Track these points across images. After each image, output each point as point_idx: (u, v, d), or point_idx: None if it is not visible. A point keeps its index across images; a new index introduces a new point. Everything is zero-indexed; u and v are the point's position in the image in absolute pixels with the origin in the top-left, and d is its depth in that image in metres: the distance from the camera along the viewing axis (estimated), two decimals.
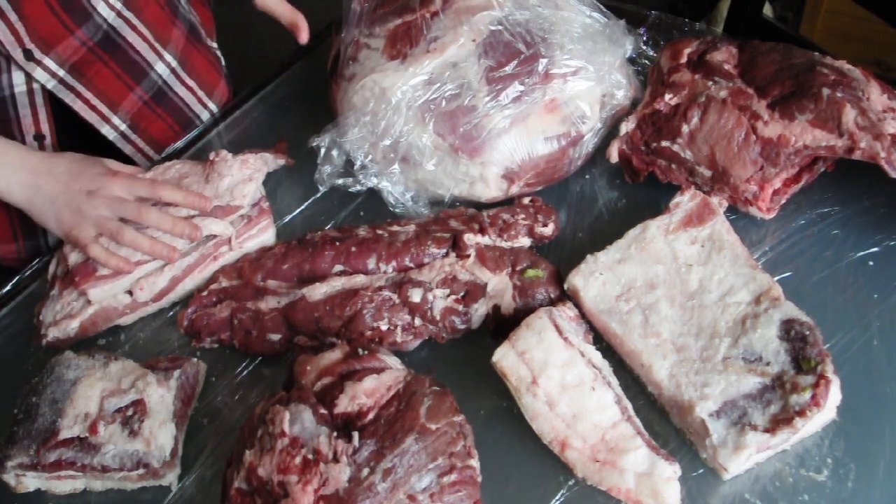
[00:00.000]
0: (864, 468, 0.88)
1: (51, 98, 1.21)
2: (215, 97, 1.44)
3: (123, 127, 1.30)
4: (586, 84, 1.12)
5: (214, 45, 1.49)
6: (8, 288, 1.18)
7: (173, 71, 1.34)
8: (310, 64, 1.43)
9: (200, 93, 1.40)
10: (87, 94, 1.24)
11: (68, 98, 1.22)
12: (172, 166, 1.20)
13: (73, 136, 1.27)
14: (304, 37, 1.21)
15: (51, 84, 1.19)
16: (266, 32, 1.47)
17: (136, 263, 1.08)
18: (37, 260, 1.21)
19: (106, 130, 1.28)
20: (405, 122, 1.11)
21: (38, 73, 1.17)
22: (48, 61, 1.17)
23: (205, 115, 1.42)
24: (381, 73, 1.13)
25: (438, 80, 1.11)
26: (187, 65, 1.36)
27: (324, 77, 1.29)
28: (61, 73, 1.19)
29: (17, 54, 1.14)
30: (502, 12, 1.14)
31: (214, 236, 1.12)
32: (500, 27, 1.13)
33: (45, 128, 1.23)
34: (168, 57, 1.32)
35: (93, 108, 1.25)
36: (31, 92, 1.19)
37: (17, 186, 1.09)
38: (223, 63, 1.50)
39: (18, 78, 1.17)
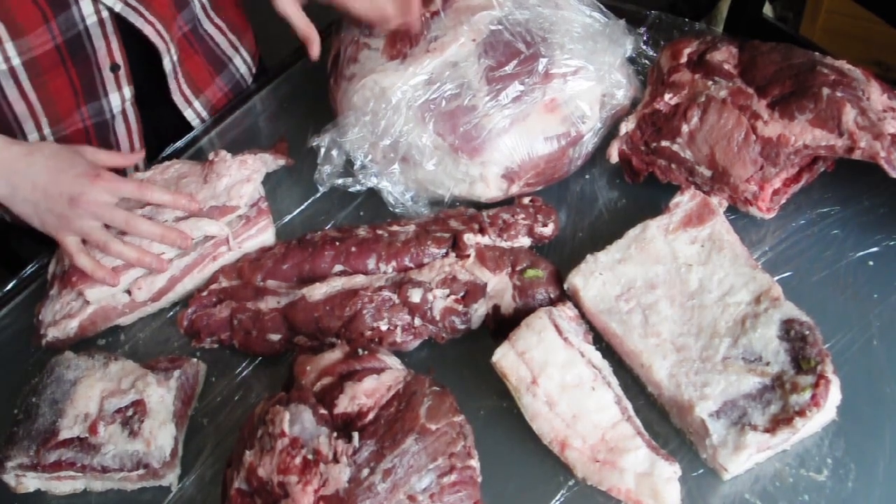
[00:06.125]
0: (864, 468, 0.88)
1: (119, 29, 1.22)
2: (246, 44, 1.45)
3: (175, 58, 1.31)
4: (586, 84, 1.12)
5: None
6: (8, 288, 1.18)
7: (203, 7, 1.35)
8: (310, 64, 1.43)
9: (231, 36, 1.41)
10: (152, 18, 1.24)
11: (138, 22, 1.22)
12: (171, 166, 1.20)
13: (140, 70, 1.28)
14: (315, 52, 1.19)
15: (118, 7, 1.18)
16: (267, 32, 1.48)
17: (125, 269, 1.08)
18: (36, 260, 1.21)
19: (166, 62, 1.29)
20: (405, 121, 1.11)
21: None
22: None
23: (237, 61, 1.43)
24: (381, 73, 1.13)
25: (438, 80, 1.11)
26: (215, 4, 1.37)
27: (324, 77, 1.29)
28: None
29: None
30: (502, 12, 1.14)
31: (213, 237, 1.12)
32: (500, 27, 1.13)
33: (119, 57, 1.23)
34: None
35: (158, 32, 1.25)
36: (101, 22, 1.19)
37: None
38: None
39: (88, 9, 1.16)
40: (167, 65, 1.29)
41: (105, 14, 1.18)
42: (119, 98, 1.27)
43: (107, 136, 1.32)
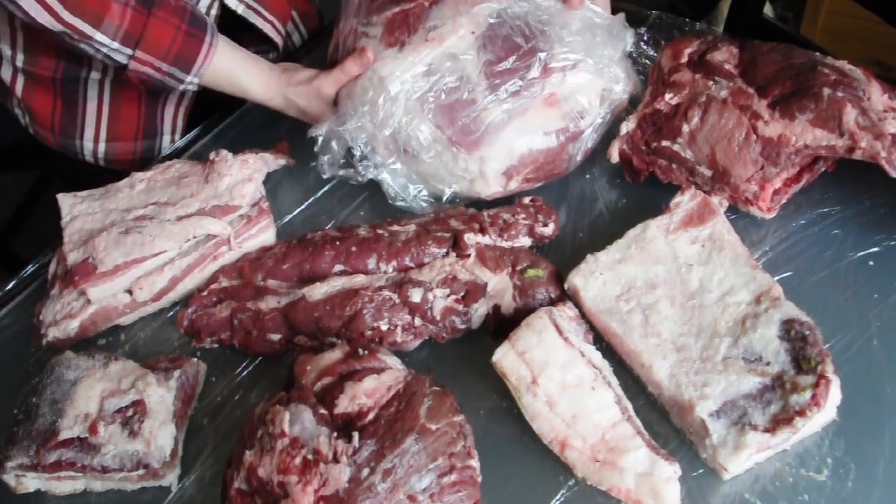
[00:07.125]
0: (864, 468, 0.88)
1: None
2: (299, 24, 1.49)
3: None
4: (585, 77, 1.11)
5: None
6: (8, 288, 1.18)
7: None
8: (310, 63, 1.43)
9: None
10: (271, 17, 1.31)
11: (258, 21, 1.28)
12: (172, 165, 1.20)
13: None
14: None
15: (240, 9, 1.25)
16: None
17: (125, 268, 1.08)
18: (36, 260, 1.21)
19: (272, 57, 1.34)
20: (404, 112, 1.10)
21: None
22: None
23: (296, 37, 1.48)
24: (379, 61, 1.13)
25: (437, 72, 1.10)
26: None
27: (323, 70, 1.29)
28: None
29: None
30: (501, 4, 1.14)
31: (214, 236, 1.12)
32: (499, 20, 1.13)
33: None
34: None
35: (277, 30, 1.31)
36: None
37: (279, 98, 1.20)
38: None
39: (201, 5, 1.22)
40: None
41: (214, 12, 1.24)
42: (191, 85, 1.32)
43: (156, 98, 1.36)
